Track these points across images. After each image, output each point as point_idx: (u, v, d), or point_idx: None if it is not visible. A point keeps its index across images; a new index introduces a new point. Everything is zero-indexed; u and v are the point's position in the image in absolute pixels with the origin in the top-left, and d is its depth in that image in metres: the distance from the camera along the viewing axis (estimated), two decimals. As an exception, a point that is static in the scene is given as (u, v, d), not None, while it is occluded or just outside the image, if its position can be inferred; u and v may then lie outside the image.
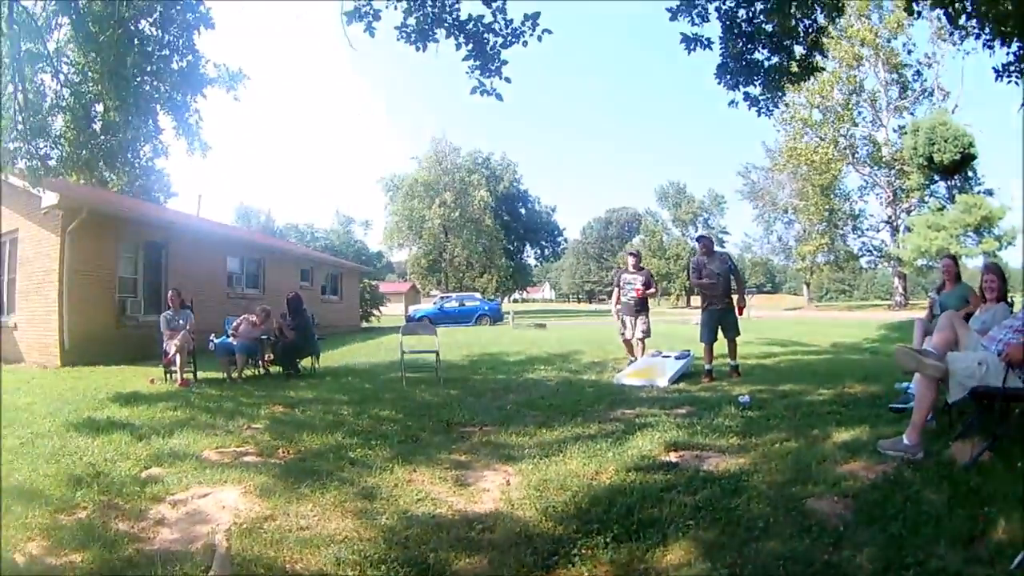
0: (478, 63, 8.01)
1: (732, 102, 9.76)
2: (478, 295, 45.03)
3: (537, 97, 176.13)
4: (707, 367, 9.29)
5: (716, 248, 9.76)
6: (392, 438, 5.60)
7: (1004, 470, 3.95)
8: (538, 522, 3.57)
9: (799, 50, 9.42)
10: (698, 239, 10.12)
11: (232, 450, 5.46)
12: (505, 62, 8.00)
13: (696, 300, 10.12)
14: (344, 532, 3.44)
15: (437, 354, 9.84)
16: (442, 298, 39.70)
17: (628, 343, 10.65)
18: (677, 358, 9.98)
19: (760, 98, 9.74)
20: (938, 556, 2.95)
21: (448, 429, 6.12)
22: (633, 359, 10.43)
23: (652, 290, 10.60)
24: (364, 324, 32.58)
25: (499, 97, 8.06)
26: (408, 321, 28.84)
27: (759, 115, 9.93)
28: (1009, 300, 6.07)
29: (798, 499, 3.76)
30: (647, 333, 10.50)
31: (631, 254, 10.97)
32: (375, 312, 36.28)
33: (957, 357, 4.56)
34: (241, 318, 10.97)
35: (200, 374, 10.23)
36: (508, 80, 8.02)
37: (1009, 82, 10.00)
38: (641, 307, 10.45)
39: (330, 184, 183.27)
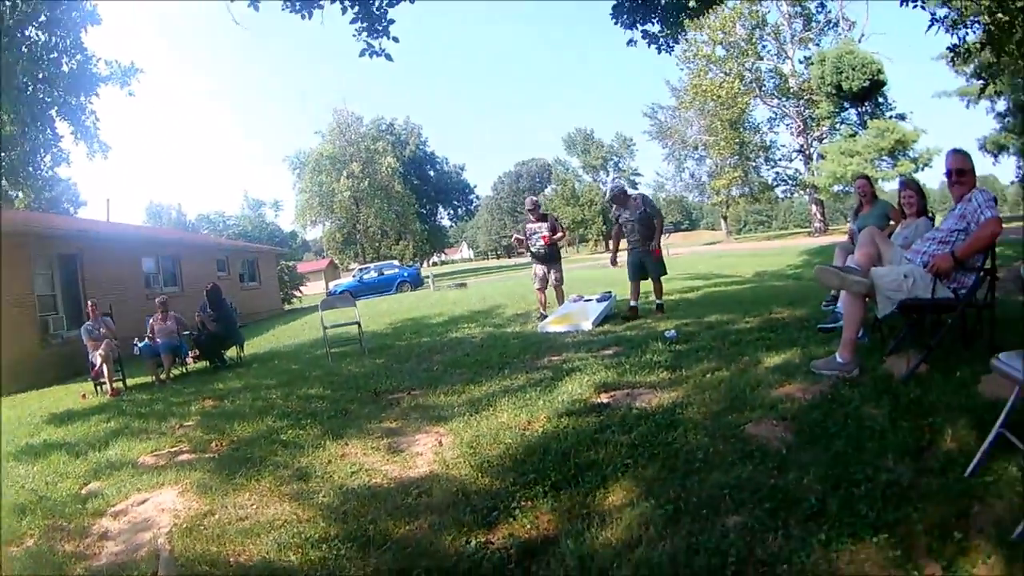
0: (365, 24, 7.99)
1: (631, 41, 9.83)
2: (396, 263, 45.21)
3: (434, 55, 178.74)
4: (632, 303, 9.51)
5: (631, 192, 9.75)
6: (322, 415, 5.66)
7: (943, 380, 4.06)
8: (474, 479, 3.61)
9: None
10: (609, 200, 10.15)
11: (167, 451, 5.51)
12: (392, 21, 8.02)
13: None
14: (283, 516, 3.48)
15: (359, 325, 9.94)
16: (361, 270, 39.97)
17: (542, 293, 10.56)
18: (599, 300, 10.12)
19: (659, 35, 9.83)
20: (887, 470, 2.99)
21: (376, 398, 6.15)
22: (543, 312, 10.36)
23: (560, 235, 10.50)
24: (287, 307, 32.95)
25: (389, 57, 8.09)
26: (329, 296, 28.66)
27: (659, 52, 10.07)
28: (930, 214, 6.21)
29: (736, 426, 3.83)
30: (561, 280, 10.50)
31: (529, 206, 10.75)
32: (296, 293, 36.58)
33: (882, 272, 4.64)
34: (150, 319, 10.95)
35: (130, 380, 10.28)
36: (396, 40, 8.08)
37: (915, 7, 10.25)
38: (552, 254, 10.40)
39: (237, 169, 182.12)
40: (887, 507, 2.66)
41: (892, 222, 6.66)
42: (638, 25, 9.66)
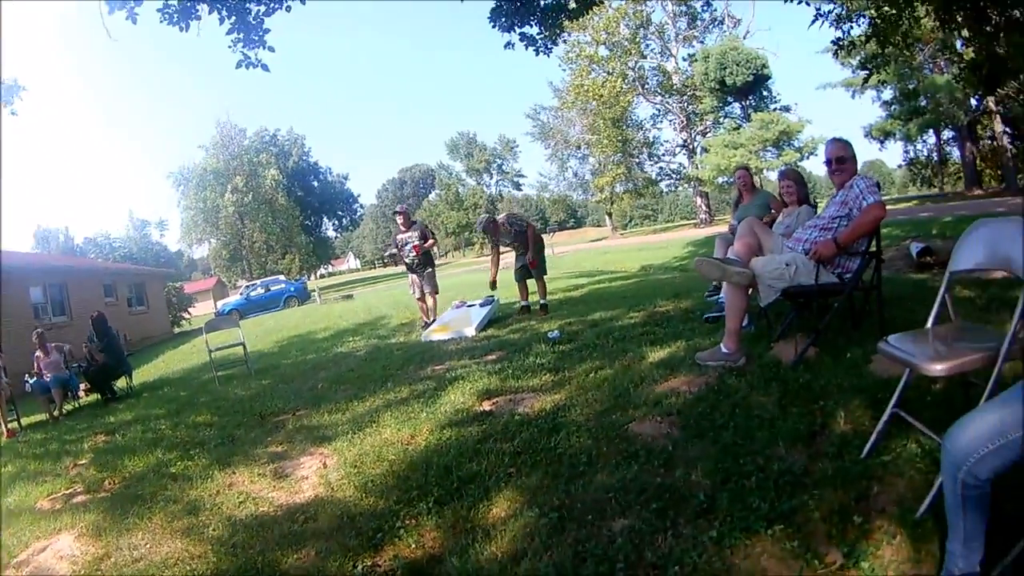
0: (241, 35, 8.07)
1: (508, 44, 9.98)
2: (282, 277, 45.94)
3: (313, 63, 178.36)
4: (522, 303, 9.85)
5: (498, 218, 9.72)
6: (209, 443, 5.61)
7: (833, 363, 4.15)
8: (359, 500, 3.60)
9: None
10: (481, 232, 10.13)
11: (62, 494, 5.38)
12: (268, 30, 8.16)
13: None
14: (175, 554, 3.44)
15: (244, 346, 9.87)
16: (248, 287, 40.39)
17: (422, 302, 10.50)
18: (482, 305, 10.15)
19: (538, 37, 9.99)
20: (779, 458, 3.00)
21: (262, 421, 6.12)
22: (427, 321, 10.31)
23: (430, 242, 10.48)
24: (176, 329, 32.21)
25: (265, 68, 8.25)
26: (217, 316, 27.99)
27: (537, 55, 10.23)
28: (813, 202, 6.36)
29: (619, 426, 3.83)
30: (435, 289, 10.47)
31: (397, 212, 10.64)
32: (184, 315, 35.47)
33: (762, 261, 4.69)
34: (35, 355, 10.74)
35: (25, 419, 10.19)
36: (272, 49, 8.24)
37: (800, 3, 10.71)
38: (425, 262, 10.34)
39: (122, 187, 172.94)
40: (781, 497, 2.66)
41: (773, 211, 6.78)
42: (516, 28, 9.80)
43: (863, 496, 2.57)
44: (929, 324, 2.88)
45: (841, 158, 4.71)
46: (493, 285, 10.12)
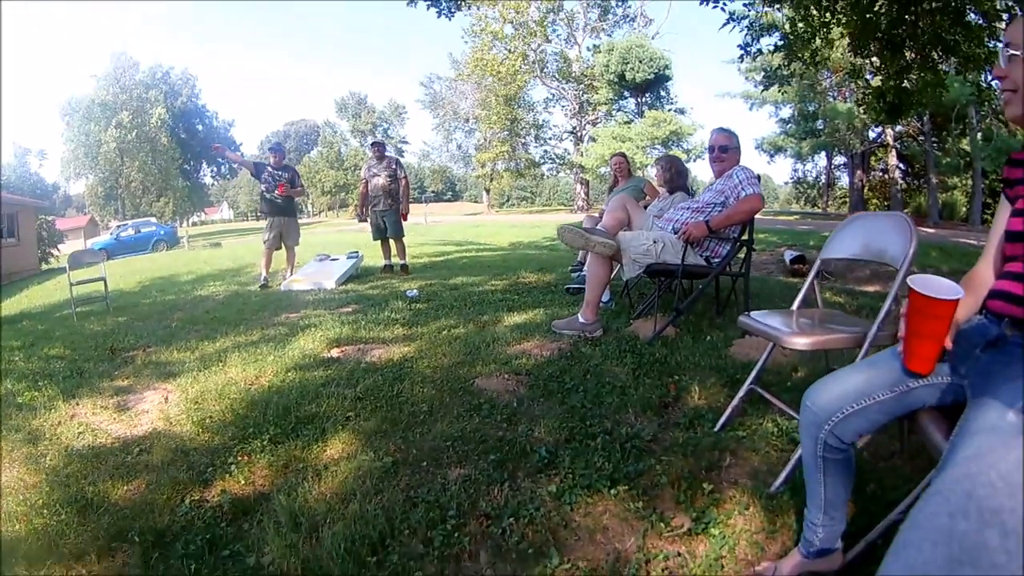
0: None
1: (411, 1, 9.90)
2: (154, 220, 44.89)
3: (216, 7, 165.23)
4: (385, 262, 10.01)
5: (388, 154, 9.92)
6: (58, 376, 5.33)
7: (692, 343, 4.20)
8: (195, 436, 3.53)
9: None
10: (371, 144, 10.16)
11: None
12: None
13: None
14: (12, 483, 3.28)
15: (104, 281, 9.50)
16: (119, 227, 39.49)
17: (269, 254, 9.85)
18: (347, 258, 10.15)
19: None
20: (628, 424, 2.99)
21: (112, 356, 5.88)
22: (266, 278, 9.68)
23: (298, 188, 9.99)
24: (44, 266, 30.31)
25: None
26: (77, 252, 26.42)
27: (439, 16, 10.20)
28: (690, 190, 6.45)
29: (465, 380, 3.83)
30: (297, 239, 10.06)
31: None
32: (53, 252, 33.51)
33: (629, 235, 4.69)
34: None
35: None
36: None
37: (715, 7, 10.94)
38: (291, 208, 9.97)
39: (9, 113, 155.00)
40: (627, 459, 2.62)
41: (648, 196, 6.85)
42: None
43: (714, 466, 2.55)
44: (794, 306, 2.88)
45: (724, 147, 4.76)
46: (362, 217, 10.07)
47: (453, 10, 10.18)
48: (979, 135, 30.56)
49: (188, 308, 8.34)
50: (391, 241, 9.78)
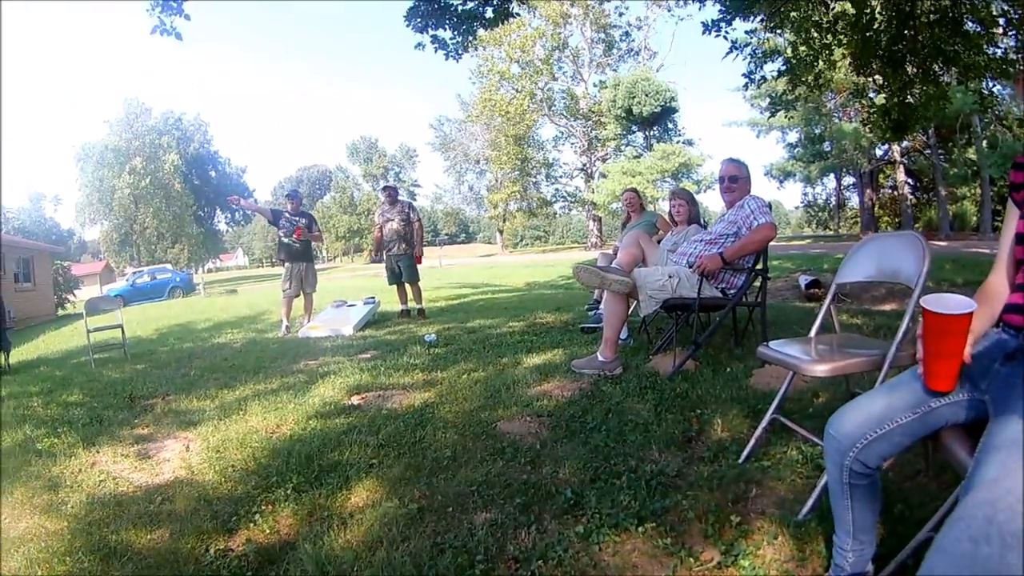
0: None
1: (419, 44, 10.01)
2: (169, 267, 45.40)
3: (227, 51, 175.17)
4: (402, 307, 10.09)
5: (400, 198, 10.06)
6: (77, 423, 5.37)
7: (712, 375, 4.19)
8: (218, 484, 3.52)
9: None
10: (383, 189, 10.24)
11: None
12: None
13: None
14: (34, 530, 3.28)
15: (122, 328, 9.52)
16: (134, 273, 39.98)
17: (289, 301, 9.98)
18: (364, 304, 10.18)
19: (449, 41, 10.07)
20: (652, 460, 2.98)
21: (132, 404, 5.88)
22: (288, 325, 9.87)
23: (317, 233, 10.14)
24: (60, 312, 30.66)
25: (179, 36, 8.19)
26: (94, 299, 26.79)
27: (447, 58, 10.31)
28: (702, 223, 6.46)
29: (487, 424, 3.82)
30: (314, 285, 10.13)
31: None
32: (69, 298, 34.13)
33: (645, 272, 4.69)
34: None
35: None
36: (188, 17, 8.24)
37: (717, 36, 11.09)
38: (307, 254, 10.02)
39: (24, 160, 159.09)
40: (653, 496, 2.62)
41: (660, 232, 6.85)
42: (429, 29, 9.88)
43: (741, 498, 2.55)
44: (812, 333, 2.88)
45: (734, 177, 4.79)
46: (377, 259, 10.11)
47: (460, 51, 10.30)
48: (984, 143, 30.68)
49: (206, 356, 8.37)
50: (407, 286, 9.81)
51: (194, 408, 5.36)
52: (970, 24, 11.14)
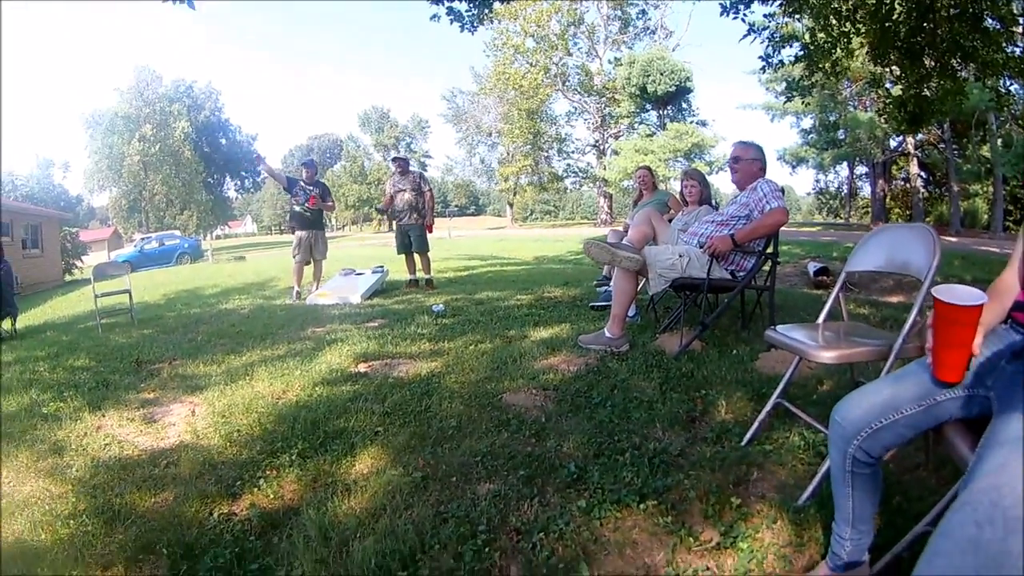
0: None
1: (434, 16, 9.94)
2: (178, 233, 45.68)
3: (239, 19, 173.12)
4: (410, 277, 10.13)
5: (412, 169, 10.08)
6: (83, 387, 5.35)
7: (718, 357, 4.21)
8: (223, 449, 3.54)
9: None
10: (394, 160, 10.25)
11: None
12: None
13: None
14: (37, 493, 3.30)
15: (129, 294, 9.59)
16: (142, 239, 40.04)
17: (300, 268, 10.17)
18: (372, 273, 10.20)
19: (465, 13, 10.01)
20: (656, 439, 3.00)
21: (138, 368, 5.90)
22: (299, 290, 10.06)
23: (330, 203, 10.27)
24: (67, 277, 30.74)
25: (191, 5, 7.97)
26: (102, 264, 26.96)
27: (462, 30, 10.26)
28: (714, 203, 6.46)
29: (493, 395, 3.83)
30: (324, 252, 10.29)
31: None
32: (77, 263, 34.10)
33: (656, 250, 4.69)
34: None
35: None
36: None
37: (735, 18, 11.00)
38: (319, 222, 10.20)
39: (31, 126, 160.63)
40: (655, 474, 2.64)
41: (672, 210, 6.84)
42: (445, 1, 9.79)
43: (742, 480, 2.57)
44: (820, 320, 2.89)
45: (736, 157, 4.81)
46: (385, 209, 10.12)
47: (476, 24, 10.24)
48: (999, 141, 30.38)
49: (213, 321, 8.40)
50: (416, 256, 9.85)
51: (200, 373, 5.38)
52: (990, 21, 11.03)
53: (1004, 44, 11.10)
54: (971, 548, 1.10)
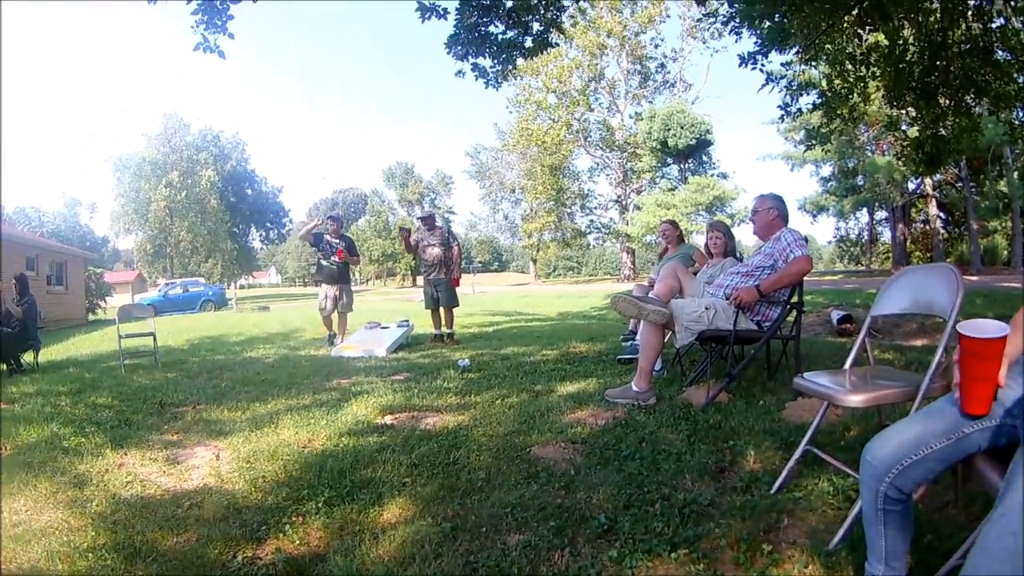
0: (206, 17, 8.00)
1: (459, 72, 10.10)
2: (202, 281, 46.41)
3: (269, 72, 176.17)
4: (435, 332, 10.06)
5: (437, 224, 10.19)
6: (106, 424, 5.42)
7: (745, 407, 4.20)
8: (247, 494, 3.53)
9: (536, 26, 10.01)
10: (419, 218, 10.39)
11: None
12: (232, 17, 8.14)
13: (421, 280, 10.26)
14: (55, 524, 3.30)
15: (154, 336, 9.69)
16: (167, 284, 40.62)
17: (329, 317, 10.35)
18: (398, 327, 10.22)
19: (489, 70, 10.17)
20: (686, 489, 3.00)
21: (162, 410, 5.96)
22: (333, 334, 10.26)
23: (356, 258, 10.48)
24: (91, 317, 31.21)
25: (221, 55, 8.20)
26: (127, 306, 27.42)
27: (487, 87, 10.39)
28: (738, 255, 6.48)
29: (521, 448, 3.82)
30: (350, 305, 10.42)
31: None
32: (101, 304, 34.61)
33: (682, 303, 4.72)
34: None
35: None
36: (232, 36, 8.24)
37: (753, 69, 11.14)
38: (345, 276, 10.35)
39: (59, 165, 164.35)
40: (685, 524, 2.64)
41: (696, 264, 6.87)
42: (470, 57, 9.96)
43: (773, 527, 2.56)
44: (847, 365, 2.90)
45: (754, 210, 4.95)
46: (407, 239, 10.12)
47: (500, 80, 10.39)
48: (1016, 174, 30.31)
49: (238, 368, 8.41)
50: (442, 310, 9.89)
51: (225, 418, 5.41)
52: (1000, 53, 11.13)
53: (1016, 75, 11.16)
54: (1010, 558, 1.14)
